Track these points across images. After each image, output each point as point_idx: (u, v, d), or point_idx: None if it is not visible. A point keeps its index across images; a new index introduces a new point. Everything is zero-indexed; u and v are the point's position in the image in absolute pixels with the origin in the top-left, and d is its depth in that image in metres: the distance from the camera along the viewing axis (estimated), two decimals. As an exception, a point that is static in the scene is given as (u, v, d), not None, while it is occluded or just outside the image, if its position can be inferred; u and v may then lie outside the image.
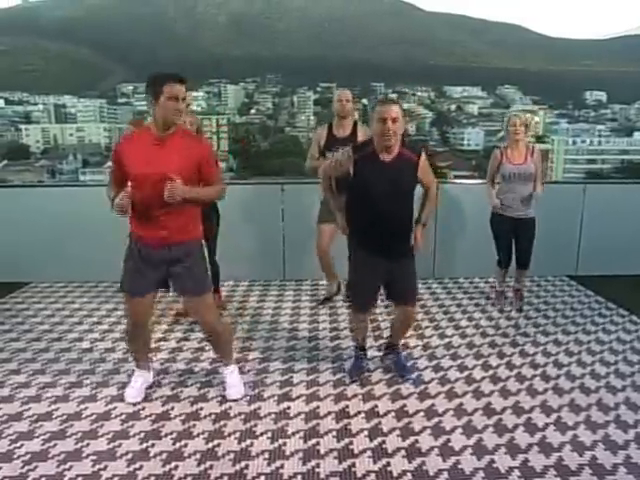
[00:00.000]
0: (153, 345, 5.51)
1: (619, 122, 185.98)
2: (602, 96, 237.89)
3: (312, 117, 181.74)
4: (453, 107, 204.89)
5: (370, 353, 5.56)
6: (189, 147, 4.34)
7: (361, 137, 6.61)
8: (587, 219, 8.35)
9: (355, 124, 6.80)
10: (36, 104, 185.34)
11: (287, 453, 3.99)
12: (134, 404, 4.69)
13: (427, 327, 6.42)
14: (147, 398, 4.77)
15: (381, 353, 5.59)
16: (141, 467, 3.84)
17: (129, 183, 4.23)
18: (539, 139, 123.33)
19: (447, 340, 6.05)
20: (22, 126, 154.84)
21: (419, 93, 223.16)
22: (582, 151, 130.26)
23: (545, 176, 8.44)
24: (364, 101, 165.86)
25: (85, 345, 5.95)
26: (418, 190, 4.85)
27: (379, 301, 5.69)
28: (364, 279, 4.85)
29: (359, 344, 5.31)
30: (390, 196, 4.55)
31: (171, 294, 6.95)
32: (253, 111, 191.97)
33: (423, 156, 4.71)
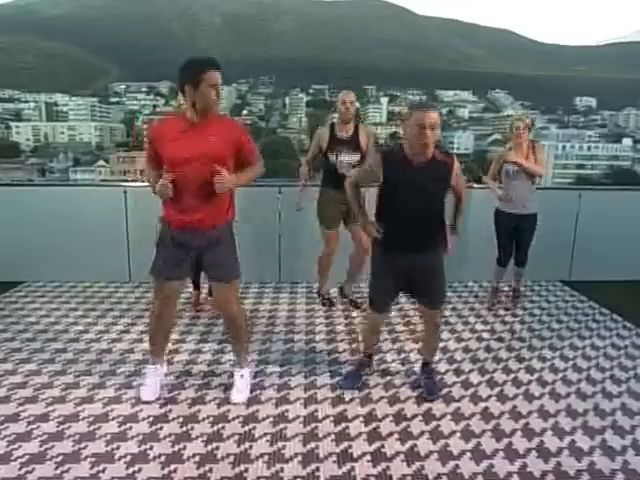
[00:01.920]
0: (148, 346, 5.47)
1: (608, 128, 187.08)
2: (592, 102, 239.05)
3: (304, 118, 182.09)
4: (444, 111, 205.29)
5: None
6: (226, 129, 4.36)
7: (362, 138, 6.76)
8: (581, 224, 8.41)
9: (357, 125, 6.85)
10: (27, 102, 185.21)
11: (287, 456, 3.99)
12: (132, 406, 4.67)
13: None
14: (144, 400, 4.75)
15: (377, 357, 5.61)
16: (140, 470, 3.82)
17: (165, 167, 4.26)
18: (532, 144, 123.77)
19: (443, 344, 6.03)
20: (12, 124, 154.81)
21: (410, 96, 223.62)
22: (572, 156, 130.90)
23: (544, 167, 8.32)
24: (356, 104, 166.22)
25: (81, 346, 5.91)
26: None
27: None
28: (384, 281, 4.82)
29: (368, 349, 5.29)
30: (421, 200, 4.48)
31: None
32: (245, 112, 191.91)
33: (456, 161, 4.63)
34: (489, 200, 7.13)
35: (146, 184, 4.62)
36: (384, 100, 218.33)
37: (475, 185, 8.37)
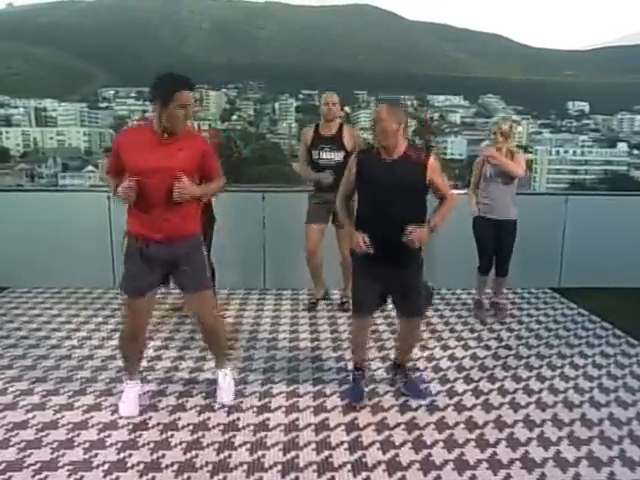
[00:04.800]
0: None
1: (602, 133, 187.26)
2: (585, 106, 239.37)
3: (294, 124, 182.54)
4: (436, 116, 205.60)
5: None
6: (191, 143, 4.28)
7: (347, 136, 6.81)
8: (570, 231, 8.36)
9: (341, 125, 6.90)
10: (17, 107, 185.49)
11: (266, 465, 3.94)
12: (112, 413, 4.62)
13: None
14: (125, 416, 4.66)
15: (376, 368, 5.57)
16: (118, 478, 3.77)
17: (128, 177, 4.14)
18: (522, 149, 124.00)
19: (428, 352, 5.99)
20: (2, 129, 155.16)
21: (402, 101, 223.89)
22: (565, 161, 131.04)
23: (522, 168, 8.29)
24: (347, 109, 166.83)
25: (63, 352, 5.87)
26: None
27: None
28: (365, 286, 4.74)
29: (357, 361, 5.14)
30: (394, 196, 4.43)
31: (164, 291, 6.85)
32: (234, 117, 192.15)
33: (432, 158, 4.53)
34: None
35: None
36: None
37: (457, 192, 8.34)
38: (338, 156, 6.74)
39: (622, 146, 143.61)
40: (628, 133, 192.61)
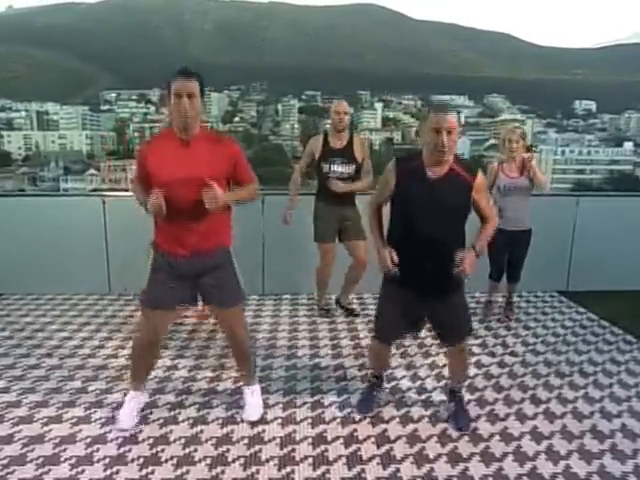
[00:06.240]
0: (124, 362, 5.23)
1: (609, 132, 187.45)
2: (591, 105, 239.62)
3: (296, 125, 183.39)
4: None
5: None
6: (218, 147, 4.09)
7: (358, 149, 6.59)
8: (579, 232, 8.20)
9: (351, 135, 6.67)
10: (18, 111, 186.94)
11: (259, 482, 3.77)
12: (101, 426, 4.46)
13: (410, 345, 6.19)
14: (120, 428, 4.49)
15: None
16: (104, 497, 3.60)
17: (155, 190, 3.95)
18: (527, 149, 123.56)
19: (431, 359, 5.82)
20: (4, 133, 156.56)
21: (405, 101, 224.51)
22: (571, 161, 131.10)
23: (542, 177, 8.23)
24: (350, 110, 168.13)
25: (54, 362, 5.70)
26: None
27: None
28: (392, 313, 4.40)
29: (375, 372, 4.93)
30: (435, 218, 4.02)
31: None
32: (237, 119, 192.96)
33: (480, 177, 4.14)
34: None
35: (129, 194, 4.37)
36: (378, 105, 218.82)
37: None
38: (350, 169, 6.54)
39: (628, 145, 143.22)
40: (635, 132, 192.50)
